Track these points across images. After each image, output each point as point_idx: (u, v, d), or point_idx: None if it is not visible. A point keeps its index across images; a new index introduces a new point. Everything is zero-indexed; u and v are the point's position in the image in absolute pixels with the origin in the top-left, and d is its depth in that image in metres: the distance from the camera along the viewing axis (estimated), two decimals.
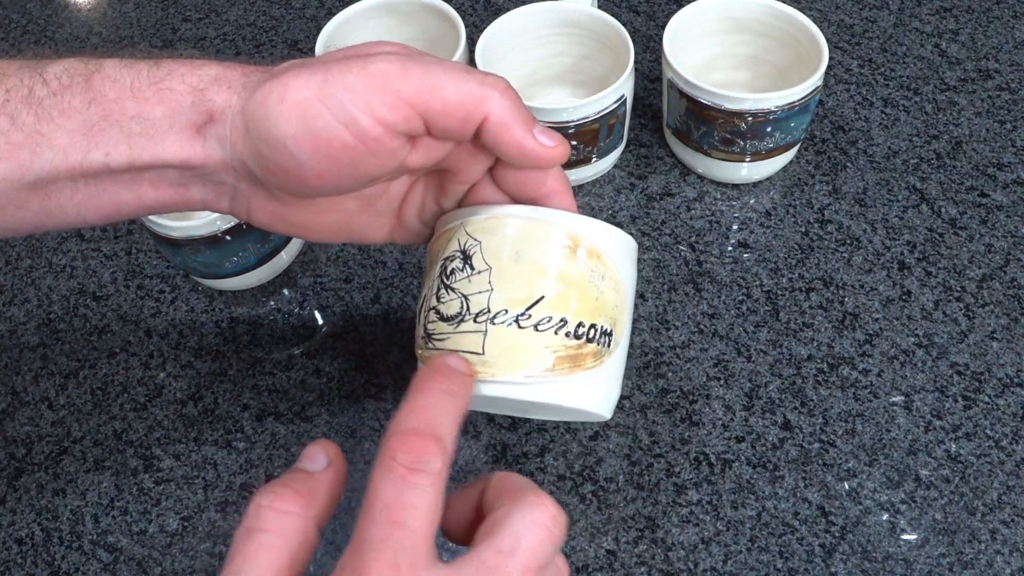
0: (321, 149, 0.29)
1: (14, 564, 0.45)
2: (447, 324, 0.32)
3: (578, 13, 0.56)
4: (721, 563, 0.42)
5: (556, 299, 0.31)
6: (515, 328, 0.31)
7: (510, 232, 0.31)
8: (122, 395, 0.50)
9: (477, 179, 0.34)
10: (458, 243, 0.32)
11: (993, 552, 0.41)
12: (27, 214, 0.30)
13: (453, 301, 0.31)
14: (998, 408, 0.46)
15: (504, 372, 0.31)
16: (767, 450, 0.45)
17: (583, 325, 0.31)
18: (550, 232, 0.31)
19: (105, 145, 0.29)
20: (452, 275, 0.32)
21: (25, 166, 0.29)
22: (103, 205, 0.31)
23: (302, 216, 0.34)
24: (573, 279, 0.31)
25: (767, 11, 0.54)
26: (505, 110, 0.30)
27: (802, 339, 0.49)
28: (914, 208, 0.55)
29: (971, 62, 0.63)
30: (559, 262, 0.31)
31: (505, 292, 0.31)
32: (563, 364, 0.31)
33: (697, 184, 0.57)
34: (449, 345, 0.31)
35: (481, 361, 0.31)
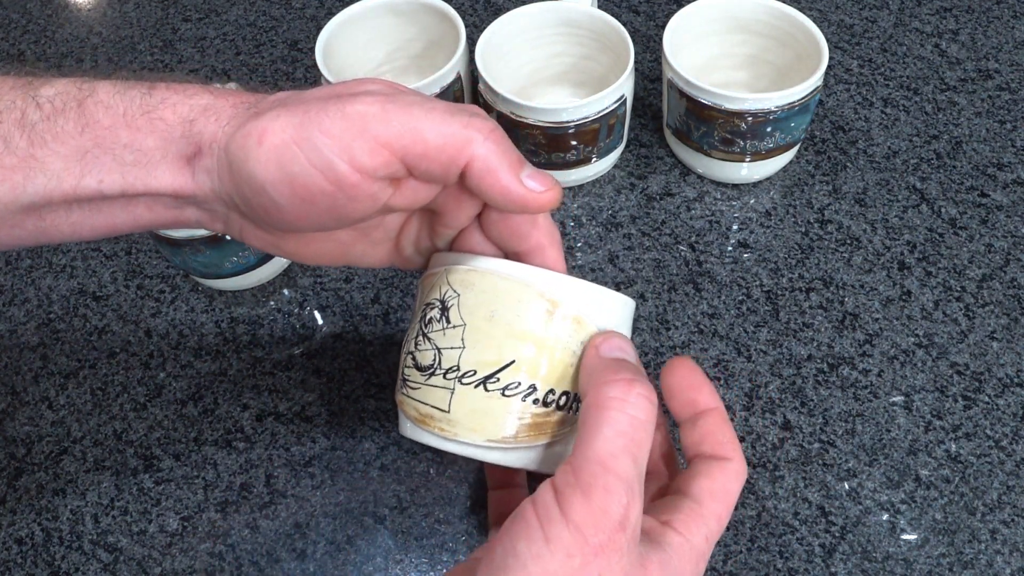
0: (298, 194, 0.28)
1: (14, 564, 0.45)
2: (420, 374, 0.31)
3: (578, 13, 0.56)
4: (721, 563, 0.42)
5: (527, 364, 0.30)
6: (481, 391, 0.30)
7: (488, 289, 0.30)
8: (122, 395, 0.50)
9: (465, 224, 0.33)
10: (439, 291, 0.31)
11: (993, 552, 0.41)
12: (22, 233, 0.30)
13: (427, 351, 0.31)
14: (998, 408, 0.46)
15: (467, 434, 0.30)
16: (767, 450, 0.45)
17: (553, 392, 0.30)
18: (528, 294, 0.30)
19: (99, 172, 0.29)
20: (430, 324, 0.31)
21: (19, 189, 0.29)
22: (98, 225, 0.31)
23: (292, 245, 0.33)
24: (547, 344, 0.30)
25: (767, 11, 0.54)
26: (490, 153, 0.28)
27: (802, 339, 0.49)
28: (914, 208, 0.55)
29: (971, 62, 0.63)
30: (534, 326, 0.30)
31: (476, 352, 0.30)
32: (528, 432, 0.30)
33: (697, 184, 0.57)
34: (419, 396, 0.31)
35: (446, 419, 0.30)
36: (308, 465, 0.46)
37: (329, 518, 0.44)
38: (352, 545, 0.43)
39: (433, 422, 0.31)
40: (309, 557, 0.43)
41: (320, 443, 0.47)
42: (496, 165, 0.29)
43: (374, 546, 0.43)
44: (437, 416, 0.30)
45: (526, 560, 0.25)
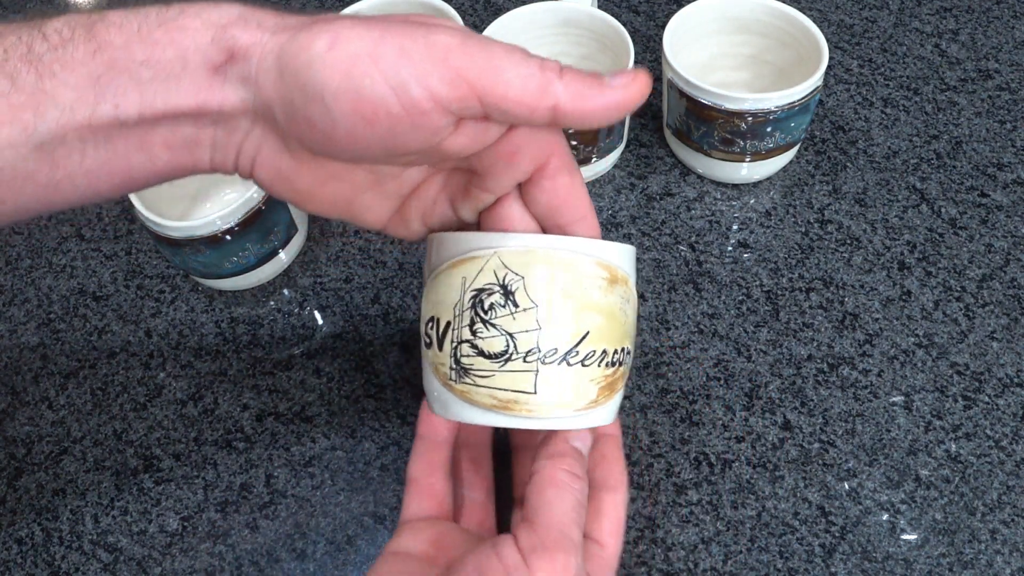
0: (361, 111, 0.27)
1: (14, 564, 0.45)
2: (490, 361, 0.31)
3: (578, 13, 0.56)
4: (721, 563, 0.42)
5: (597, 333, 0.31)
6: (564, 366, 0.31)
7: (553, 268, 0.31)
8: (122, 395, 0.50)
9: (507, 190, 0.32)
10: (495, 276, 0.31)
11: (993, 552, 0.41)
12: (35, 188, 0.28)
13: (496, 338, 0.31)
14: (998, 408, 0.46)
15: (555, 410, 0.31)
16: (767, 450, 0.45)
17: (617, 352, 0.32)
18: (589, 267, 0.31)
19: (114, 96, 0.27)
20: (491, 310, 0.31)
21: (29, 128, 0.27)
22: (114, 172, 0.29)
23: (308, 180, 0.31)
24: (609, 310, 0.32)
25: (767, 11, 0.54)
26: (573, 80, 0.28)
27: (802, 339, 0.49)
28: (914, 208, 0.55)
29: (971, 62, 0.63)
30: (597, 295, 0.31)
31: (554, 330, 0.31)
32: (604, 393, 0.32)
33: (697, 184, 0.57)
34: (495, 383, 0.31)
35: (533, 401, 0.31)
36: (308, 465, 0.46)
37: (329, 518, 0.44)
38: (352, 545, 0.43)
39: (518, 406, 0.31)
40: (309, 557, 0.43)
41: (320, 443, 0.47)
42: (585, 90, 0.28)
43: (374, 546, 0.43)
44: (522, 399, 0.31)
45: None
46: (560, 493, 0.32)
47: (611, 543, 0.35)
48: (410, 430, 0.47)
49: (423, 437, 0.39)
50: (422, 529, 0.36)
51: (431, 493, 0.38)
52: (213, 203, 0.56)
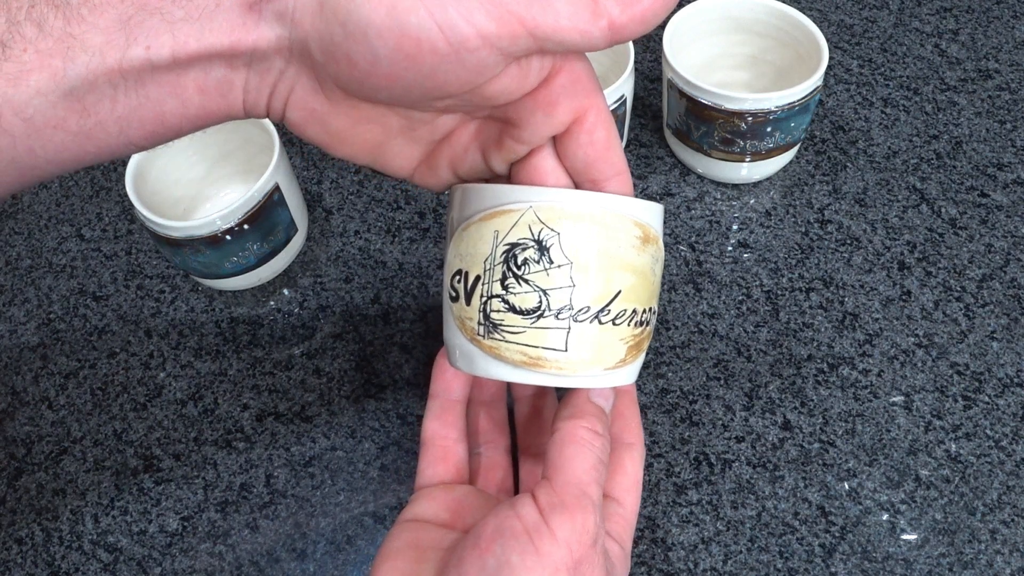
0: (405, 48, 0.26)
1: (14, 564, 0.45)
2: (521, 317, 0.31)
3: None
4: (721, 563, 0.42)
5: (630, 292, 0.31)
6: (596, 324, 0.31)
7: (590, 225, 0.30)
8: (122, 395, 0.50)
9: (543, 141, 0.32)
10: (530, 230, 0.31)
11: (993, 552, 0.41)
12: (66, 136, 0.28)
13: (529, 294, 0.31)
14: (998, 408, 0.46)
15: (585, 368, 0.31)
16: (767, 450, 0.45)
17: (646, 311, 0.32)
18: (624, 225, 0.31)
19: (145, 38, 0.26)
20: (525, 265, 0.31)
21: (59, 75, 0.26)
22: (146, 118, 0.28)
23: (341, 121, 0.31)
24: (640, 269, 0.32)
25: (767, 11, 0.54)
26: None
27: (802, 339, 0.49)
28: (914, 208, 0.55)
29: (971, 62, 0.63)
30: (632, 254, 0.31)
31: (588, 288, 0.30)
32: (632, 352, 0.32)
33: (697, 184, 0.57)
34: (526, 340, 0.31)
35: (564, 358, 0.31)
36: (308, 465, 0.46)
37: (329, 518, 0.44)
38: (352, 545, 0.43)
39: (548, 363, 0.31)
40: (309, 557, 0.43)
41: (320, 443, 0.47)
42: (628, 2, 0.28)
43: (374, 546, 0.43)
44: (552, 357, 0.31)
45: (520, 571, 0.28)
46: (580, 450, 0.31)
47: (629, 500, 0.35)
48: (411, 430, 0.47)
49: (437, 396, 0.38)
50: (438, 495, 0.36)
51: (446, 456, 0.37)
52: (213, 203, 0.56)
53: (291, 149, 0.63)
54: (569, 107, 0.30)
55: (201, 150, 0.54)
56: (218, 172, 0.56)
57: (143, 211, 0.48)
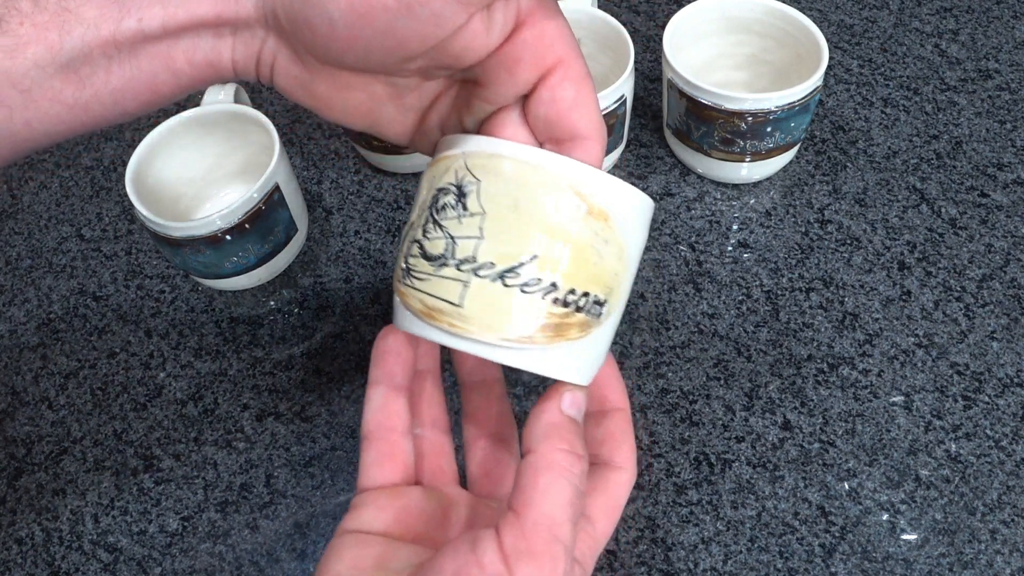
0: (357, 7, 0.26)
1: (14, 564, 0.45)
2: (428, 264, 0.29)
3: (578, 13, 0.56)
4: (721, 563, 0.42)
5: (549, 260, 0.28)
6: (499, 285, 0.28)
7: (513, 177, 0.28)
8: (122, 395, 0.50)
9: (509, 101, 0.31)
10: (455, 176, 0.29)
11: (993, 552, 0.41)
12: (62, 109, 0.28)
13: (439, 240, 0.29)
14: (998, 408, 0.46)
15: (480, 331, 0.28)
16: (767, 450, 0.45)
17: (575, 292, 0.29)
18: (556, 183, 0.28)
19: (137, 10, 0.27)
20: (443, 211, 0.29)
21: (55, 48, 0.27)
22: (140, 88, 0.29)
23: (324, 87, 0.31)
24: (573, 239, 0.28)
25: (767, 11, 0.54)
26: None
27: (802, 339, 0.49)
28: (914, 208, 0.55)
29: (971, 62, 0.63)
30: (560, 219, 0.28)
31: (495, 243, 0.28)
32: (545, 332, 0.28)
33: (697, 184, 0.57)
34: (427, 288, 0.29)
35: (457, 313, 0.28)
36: (308, 465, 0.46)
37: (329, 518, 0.44)
38: None
39: (442, 316, 0.29)
40: (309, 557, 0.43)
41: (320, 443, 0.47)
42: None
43: None
44: (447, 310, 0.28)
45: None
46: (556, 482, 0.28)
47: (603, 522, 0.32)
48: None
49: (379, 383, 0.34)
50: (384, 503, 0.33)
51: (393, 453, 0.34)
52: (213, 203, 0.56)
53: (291, 149, 0.63)
54: (532, 64, 0.29)
55: (201, 150, 0.54)
56: (218, 172, 0.56)
57: (143, 211, 0.48)
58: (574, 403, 0.30)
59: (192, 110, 0.52)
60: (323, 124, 0.64)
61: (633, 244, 0.30)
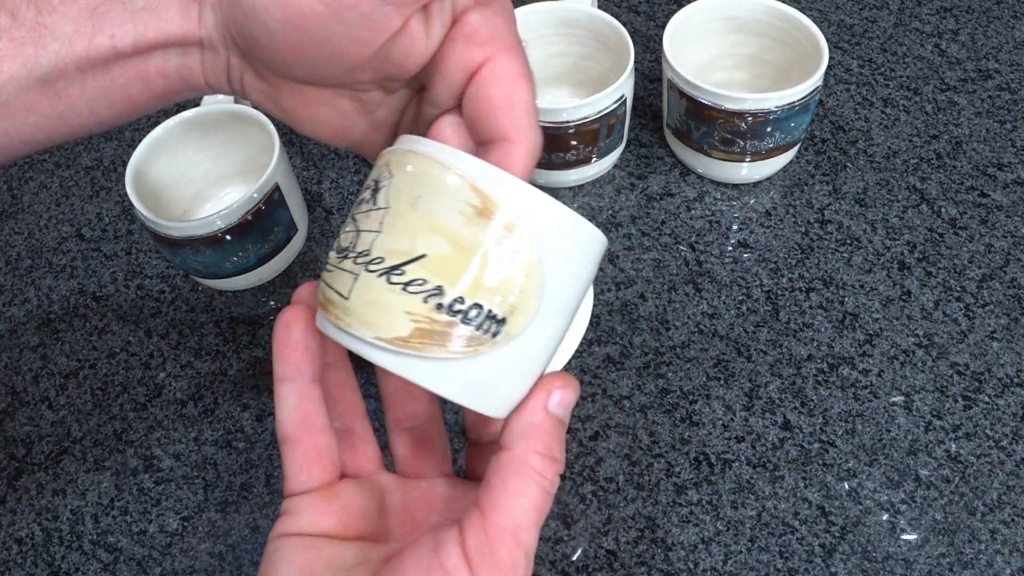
0: (291, 18, 0.26)
1: (14, 564, 0.45)
2: (336, 255, 0.29)
3: (578, 13, 0.56)
4: (721, 563, 0.42)
5: (438, 262, 0.26)
6: (384, 281, 0.27)
7: (418, 173, 0.27)
8: (122, 395, 0.50)
9: (447, 105, 0.30)
10: (378, 172, 0.29)
11: (993, 552, 0.41)
12: (39, 119, 0.29)
13: (350, 233, 0.29)
14: (998, 408, 0.46)
15: (359, 327, 0.27)
16: (767, 450, 0.45)
17: (461, 301, 0.27)
18: (458, 186, 0.27)
19: (110, 27, 0.28)
20: (360, 204, 0.29)
21: (31, 62, 0.28)
22: (115, 100, 0.30)
23: (290, 102, 0.31)
24: (467, 246, 0.27)
25: (767, 11, 0.54)
26: None
27: (802, 339, 0.49)
28: (914, 208, 0.55)
29: (971, 62, 0.63)
30: (457, 221, 0.27)
31: (389, 239, 0.27)
32: (422, 338, 0.27)
33: (697, 184, 0.57)
34: (328, 279, 0.28)
35: (344, 306, 0.28)
36: None
37: None
38: None
39: (333, 308, 0.28)
40: None
41: None
42: None
43: None
44: (337, 302, 0.28)
45: None
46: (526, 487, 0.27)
47: None
48: None
49: (289, 380, 0.32)
50: (319, 504, 0.31)
51: (318, 454, 0.32)
52: (213, 203, 0.56)
53: (291, 149, 0.63)
54: (459, 63, 0.29)
55: (201, 150, 0.54)
56: (218, 172, 0.56)
57: (143, 211, 0.48)
58: (562, 401, 0.29)
59: (192, 110, 0.52)
60: None
61: (554, 265, 0.28)
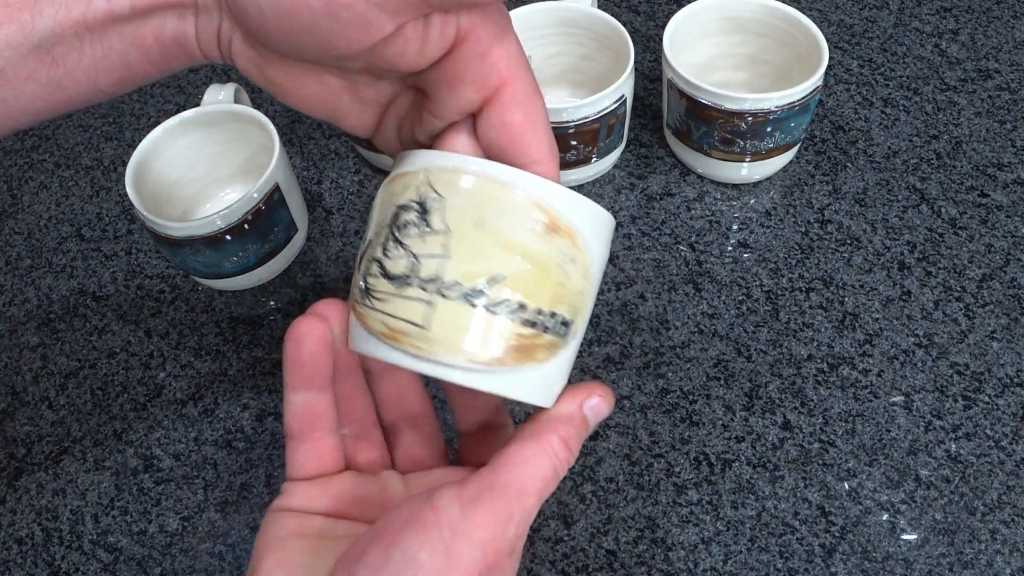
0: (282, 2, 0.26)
1: (14, 564, 0.45)
2: (390, 283, 0.28)
3: (578, 13, 0.56)
4: (721, 563, 0.42)
5: (518, 280, 0.27)
6: (466, 305, 0.27)
7: (478, 194, 0.27)
8: (122, 395, 0.50)
9: (456, 118, 0.31)
10: (416, 192, 0.28)
11: (993, 552, 0.41)
12: (37, 87, 0.29)
13: (401, 259, 0.28)
14: (998, 408, 0.46)
15: (446, 353, 0.27)
16: (767, 450, 0.45)
17: (542, 313, 0.28)
18: (523, 201, 0.27)
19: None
20: (405, 228, 0.28)
21: (27, 28, 0.28)
22: (113, 67, 0.29)
23: (277, 72, 0.31)
24: (540, 259, 0.27)
25: (767, 11, 0.54)
26: None
27: (802, 339, 0.49)
28: (914, 208, 0.55)
29: (971, 62, 0.63)
30: (527, 237, 0.27)
31: (461, 262, 0.27)
32: (513, 355, 0.28)
33: (697, 184, 0.57)
34: (389, 308, 0.28)
35: (423, 336, 0.27)
36: None
37: None
38: None
39: (406, 339, 0.27)
40: None
41: None
42: None
43: None
44: (412, 332, 0.27)
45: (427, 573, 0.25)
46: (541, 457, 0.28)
47: None
48: None
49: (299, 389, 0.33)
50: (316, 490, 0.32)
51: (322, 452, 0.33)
52: (213, 203, 0.56)
53: (291, 149, 0.63)
54: (474, 83, 0.29)
55: (201, 150, 0.54)
56: (218, 172, 0.56)
57: (143, 211, 0.48)
58: (597, 408, 0.30)
59: (192, 110, 0.52)
60: (323, 124, 0.64)
61: (597, 263, 0.30)
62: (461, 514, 0.26)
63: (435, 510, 0.26)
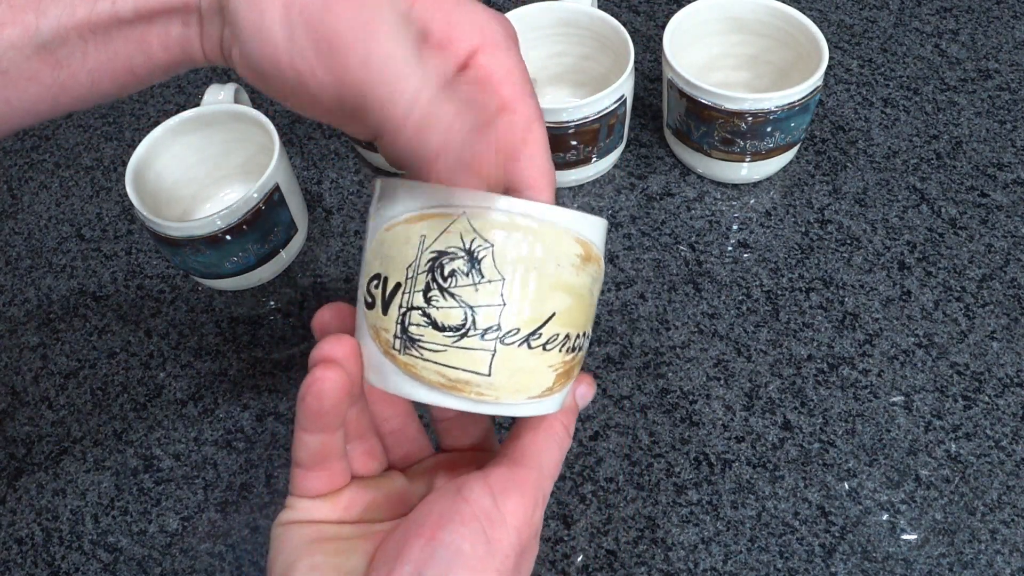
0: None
1: (14, 564, 0.45)
2: (443, 335, 0.28)
3: (578, 13, 0.56)
4: (721, 563, 0.42)
5: (564, 315, 0.29)
6: (525, 348, 0.28)
7: (527, 239, 0.28)
8: (122, 395, 0.50)
9: None
10: (461, 239, 0.28)
11: (993, 552, 0.41)
12: (40, 88, 0.29)
13: (454, 310, 0.28)
14: (998, 408, 0.46)
15: (509, 395, 0.29)
16: (767, 450, 0.45)
17: (579, 336, 0.30)
18: (566, 241, 0.28)
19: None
20: (452, 277, 0.28)
21: (31, 29, 0.28)
22: (117, 70, 0.30)
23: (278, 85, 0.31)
24: (578, 291, 0.29)
25: (767, 11, 0.54)
26: None
27: (802, 339, 0.49)
28: (914, 208, 0.55)
29: (971, 62, 0.63)
30: (570, 274, 0.29)
31: (518, 309, 0.28)
32: (560, 381, 0.30)
33: (697, 184, 0.57)
34: (446, 360, 0.28)
35: (486, 383, 0.28)
36: None
37: None
38: None
39: (469, 387, 0.28)
40: None
41: None
42: None
43: None
44: (475, 381, 0.28)
45: (473, 562, 0.27)
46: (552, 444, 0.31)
47: None
48: None
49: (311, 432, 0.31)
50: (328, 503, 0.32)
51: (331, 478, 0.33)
52: (213, 203, 0.56)
53: (291, 149, 0.63)
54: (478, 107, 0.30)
55: (201, 150, 0.54)
56: (218, 172, 0.56)
57: (143, 211, 0.48)
58: (584, 395, 0.33)
59: (192, 110, 0.52)
60: (323, 124, 0.64)
61: None
62: (494, 504, 0.28)
63: (469, 502, 0.28)
